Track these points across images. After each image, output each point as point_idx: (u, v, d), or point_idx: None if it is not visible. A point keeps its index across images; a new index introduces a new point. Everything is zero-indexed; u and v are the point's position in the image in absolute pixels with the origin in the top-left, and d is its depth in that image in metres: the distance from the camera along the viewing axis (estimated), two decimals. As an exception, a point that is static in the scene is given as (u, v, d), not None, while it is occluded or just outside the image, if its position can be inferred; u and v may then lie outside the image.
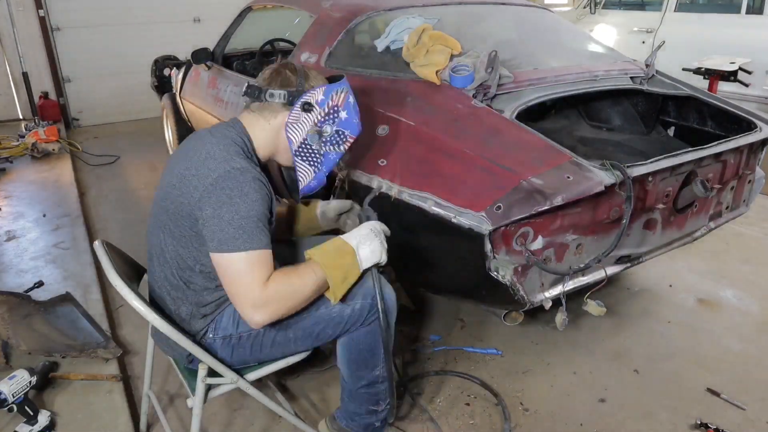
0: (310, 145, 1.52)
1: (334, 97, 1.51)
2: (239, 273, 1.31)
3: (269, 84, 1.49)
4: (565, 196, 1.61)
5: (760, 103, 4.79)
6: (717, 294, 2.75)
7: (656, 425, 1.95)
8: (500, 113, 1.95)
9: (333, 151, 1.56)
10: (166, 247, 1.46)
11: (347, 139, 1.56)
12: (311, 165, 1.55)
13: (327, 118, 1.51)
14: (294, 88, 1.48)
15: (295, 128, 1.50)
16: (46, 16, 5.73)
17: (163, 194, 1.44)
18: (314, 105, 1.49)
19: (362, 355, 1.57)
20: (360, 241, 1.43)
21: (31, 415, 1.77)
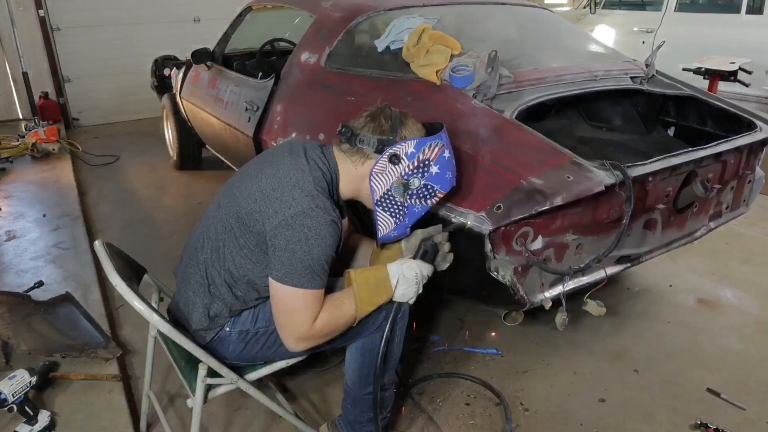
0: (393, 196, 1.47)
1: (426, 152, 1.45)
2: (294, 308, 1.36)
3: (362, 128, 1.46)
4: (565, 196, 1.61)
5: (760, 103, 4.79)
6: (717, 294, 2.75)
7: (656, 425, 1.95)
8: (500, 113, 1.95)
9: (418, 204, 1.50)
10: (224, 247, 1.46)
11: (436, 194, 1.50)
12: (392, 216, 1.51)
13: (415, 172, 1.45)
14: (385, 137, 1.43)
15: (379, 178, 1.46)
16: (46, 16, 5.73)
17: (239, 201, 1.44)
18: (402, 157, 1.43)
19: (373, 360, 1.56)
20: (400, 281, 1.45)
21: (31, 415, 1.77)
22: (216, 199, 1.57)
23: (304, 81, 2.56)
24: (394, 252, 1.65)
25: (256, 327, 1.51)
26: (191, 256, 1.57)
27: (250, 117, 2.75)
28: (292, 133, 2.43)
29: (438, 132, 1.49)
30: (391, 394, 1.68)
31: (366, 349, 1.57)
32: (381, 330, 1.51)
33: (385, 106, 1.50)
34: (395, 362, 1.63)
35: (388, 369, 1.61)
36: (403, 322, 1.56)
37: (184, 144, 4.40)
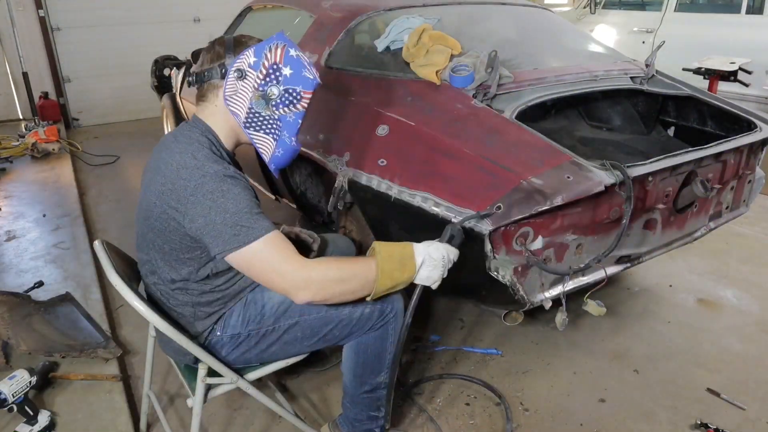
0: (258, 112, 1.40)
1: (269, 56, 1.37)
2: (261, 263, 1.28)
3: (202, 65, 1.41)
4: (565, 196, 1.61)
5: (760, 103, 4.79)
6: (717, 294, 2.75)
7: (656, 425, 1.95)
8: (500, 113, 1.95)
9: (290, 113, 1.42)
10: (156, 263, 1.45)
11: (302, 95, 1.42)
12: (268, 133, 1.43)
13: (268, 80, 1.38)
14: (223, 60, 1.38)
15: (234, 100, 1.38)
16: (46, 16, 5.73)
17: (146, 213, 1.41)
18: (247, 70, 1.36)
19: (369, 359, 1.57)
20: (426, 261, 1.39)
21: (31, 415, 1.77)
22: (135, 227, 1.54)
23: (304, 81, 2.56)
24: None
25: (247, 330, 1.49)
26: (144, 283, 1.55)
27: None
28: (292, 133, 2.43)
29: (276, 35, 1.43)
30: (389, 395, 1.67)
31: (360, 350, 1.56)
32: (374, 330, 1.52)
33: (220, 37, 1.46)
34: (391, 362, 1.61)
35: (384, 368, 1.60)
36: (396, 322, 1.54)
37: (184, 144, 4.39)
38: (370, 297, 1.39)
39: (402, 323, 1.52)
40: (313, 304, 1.37)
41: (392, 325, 1.54)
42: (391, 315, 1.52)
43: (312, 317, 1.49)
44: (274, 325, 1.49)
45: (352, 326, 1.50)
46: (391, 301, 1.52)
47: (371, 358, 1.57)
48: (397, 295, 1.52)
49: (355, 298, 1.39)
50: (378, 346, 1.55)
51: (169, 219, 1.34)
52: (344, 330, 1.51)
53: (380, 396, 1.65)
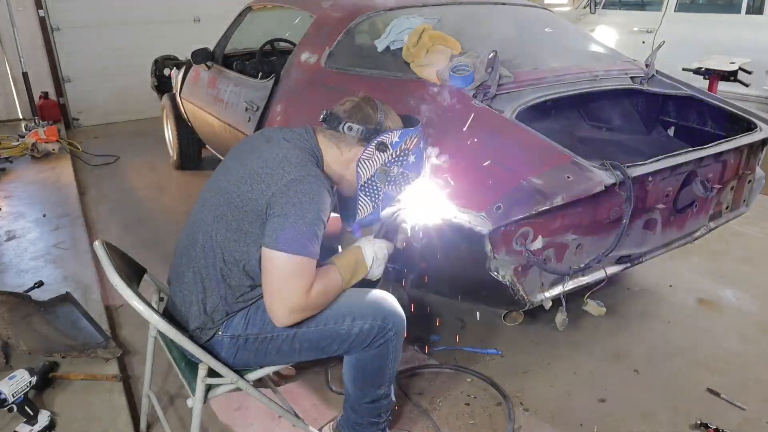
0: (375, 182, 1.56)
1: (407, 142, 1.55)
2: (284, 274, 1.35)
3: (349, 117, 1.52)
4: (565, 196, 1.61)
5: (760, 103, 4.78)
6: (717, 294, 2.75)
7: (656, 425, 1.95)
8: (500, 113, 1.95)
9: (393, 191, 1.60)
10: (217, 236, 1.46)
11: (408, 180, 1.60)
12: (371, 201, 1.59)
13: (397, 160, 1.55)
14: (373, 126, 1.51)
15: (366, 164, 1.54)
16: (46, 16, 5.74)
17: (229, 189, 1.46)
18: (389, 146, 1.52)
19: (368, 375, 1.57)
20: (375, 262, 1.54)
21: (31, 415, 1.77)
22: (198, 200, 1.58)
23: (304, 81, 2.56)
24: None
25: (247, 333, 1.49)
26: (182, 255, 1.56)
27: (250, 117, 2.75)
28: (292, 133, 2.43)
29: (416, 125, 1.61)
30: (390, 401, 1.67)
31: (359, 365, 1.57)
32: (372, 347, 1.51)
33: (368, 96, 1.58)
34: (393, 377, 1.63)
35: (385, 382, 1.60)
36: (398, 339, 1.55)
37: (184, 144, 4.40)
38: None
39: (402, 342, 1.57)
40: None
41: (393, 342, 1.53)
42: (392, 333, 1.51)
43: (311, 330, 1.49)
44: (274, 332, 1.48)
45: (351, 342, 1.50)
46: (392, 318, 1.52)
47: (371, 374, 1.57)
48: (398, 313, 1.54)
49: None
50: (378, 362, 1.55)
51: (251, 200, 1.40)
52: (343, 345, 1.51)
53: (381, 405, 1.64)
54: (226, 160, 1.59)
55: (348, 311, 1.49)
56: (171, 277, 1.62)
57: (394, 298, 1.57)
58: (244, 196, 1.42)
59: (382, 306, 1.52)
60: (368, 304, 1.51)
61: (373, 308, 1.51)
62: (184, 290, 1.53)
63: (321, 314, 1.47)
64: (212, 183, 1.57)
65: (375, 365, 1.55)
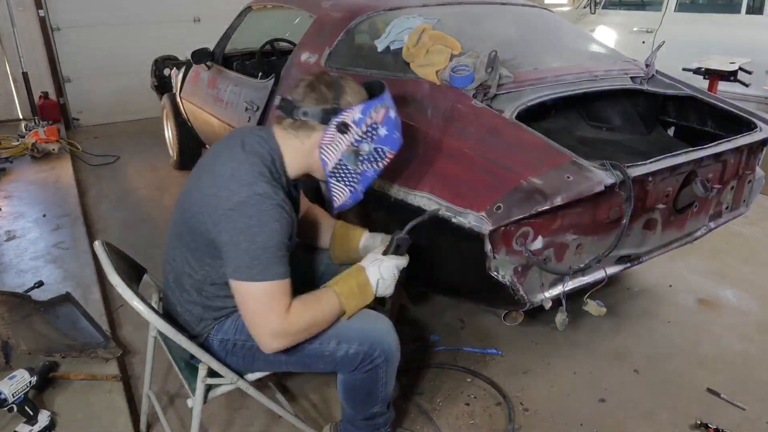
0: (345, 165, 1.44)
1: (372, 115, 1.41)
2: (255, 303, 1.30)
3: (303, 100, 1.40)
4: (565, 196, 1.61)
5: (760, 103, 4.78)
6: (717, 294, 2.75)
7: (656, 425, 1.95)
8: (500, 113, 1.95)
9: (371, 169, 1.48)
10: (181, 256, 1.46)
11: (386, 155, 1.48)
12: (347, 185, 1.48)
13: (365, 137, 1.42)
14: (330, 106, 1.39)
15: (329, 149, 1.42)
16: (46, 16, 5.73)
17: (185, 206, 1.44)
18: (351, 125, 1.40)
19: (359, 396, 1.54)
20: (379, 283, 1.44)
21: (31, 415, 1.77)
22: (175, 205, 1.55)
23: (304, 81, 2.56)
24: (357, 234, 1.69)
25: (236, 338, 1.48)
26: (166, 259, 1.57)
27: (250, 117, 2.75)
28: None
29: (380, 94, 1.46)
30: (387, 417, 1.64)
31: (348, 387, 1.53)
32: (359, 371, 1.47)
33: (323, 72, 1.47)
34: (387, 398, 1.59)
35: (377, 403, 1.57)
36: (388, 365, 1.49)
37: (184, 144, 4.40)
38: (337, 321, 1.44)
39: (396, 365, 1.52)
40: None
41: (383, 368, 1.48)
42: (380, 359, 1.45)
43: (297, 346, 1.43)
44: None
45: (336, 364, 1.46)
46: (381, 345, 1.45)
47: (361, 396, 1.54)
48: (388, 339, 1.48)
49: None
50: (368, 386, 1.51)
51: (202, 222, 1.36)
52: (328, 365, 1.47)
53: (377, 422, 1.62)
54: (196, 168, 1.50)
55: (334, 333, 1.43)
56: (164, 287, 1.62)
57: (388, 321, 1.51)
58: (195, 217, 1.38)
59: (371, 332, 1.45)
60: (357, 329, 1.44)
61: (362, 333, 1.44)
62: (170, 294, 1.54)
63: None
64: (182, 193, 1.50)
65: (365, 388, 1.51)
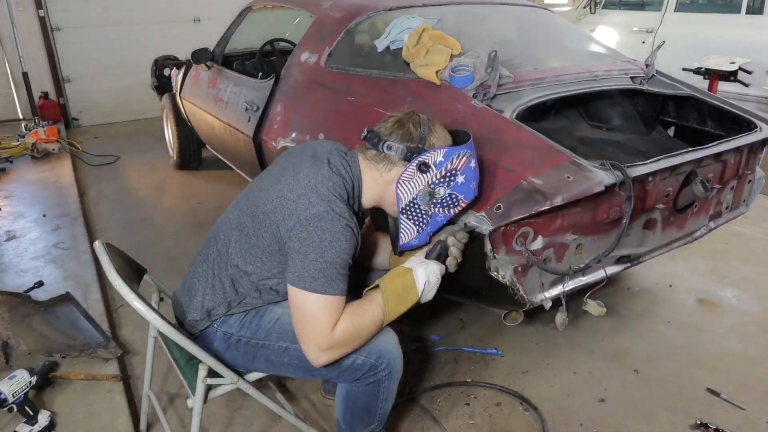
0: (418, 205, 1.46)
1: (454, 161, 1.44)
2: (311, 313, 1.32)
3: (389, 135, 1.43)
4: (565, 196, 1.61)
5: (760, 103, 4.78)
6: (717, 294, 2.75)
7: (656, 425, 1.95)
8: (500, 113, 1.95)
9: (441, 214, 1.49)
10: (235, 244, 1.45)
11: (459, 203, 1.49)
12: (416, 224, 1.49)
13: (442, 181, 1.44)
14: (414, 144, 1.41)
15: (406, 186, 1.44)
16: (46, 16, 5.74)
17: (258, 200, 1.43)
18: (431, 166, 1.42)
19: (358, 410, 1.54)
20: (426, 287, 1.44)
21: (31, 415, 1.77)
22: (238, 197, 1.56)
23: (304, 81, 2.56)
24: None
25: (239, 333, 1.48)
26: (205, 246, 1.57)
27: (250, 117, 2.75)
28: (292, 133, 2.43)
29: (466, 141, 1.48)
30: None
31: (349, 399, 1.53)
32: (362, 382, 1.47)
33: (413, 112, 1.48)
34: (384, 418, 1.58)
35: (373, 422, 1.57)
36: (390, 381, 1.49)
37: (184, 144, 4.40)
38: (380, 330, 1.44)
39: (398, 382, 1.52)
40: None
41: (385, 383, 1.48)
42: (384, 373, 1.46)
43: (299, 351, 1.42)
44: (265, 340, 1.48)
45: (339, 371, 1.45)
46: (387, 358, 1.45)
47: (360, 410, 1.53)
48: (395, 354, 1.48)
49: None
50: (368, 400, 1.51)
51: (273, 223, 1.37)
52: (331, 372, 1.46)
53: None
54: (272, 167, 1.53)
55: None
56: (191, 262, 1.61)
57: (395, 335, 1.50)
58: (266, 215, 1.39)
59: (380, 344, 1.45)
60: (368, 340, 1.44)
61: (370, 344, 1.43)
62: (194, 279, 1.53)
63: None
64: (250, 187, 1.53)
65: (364, 401, 1.51)
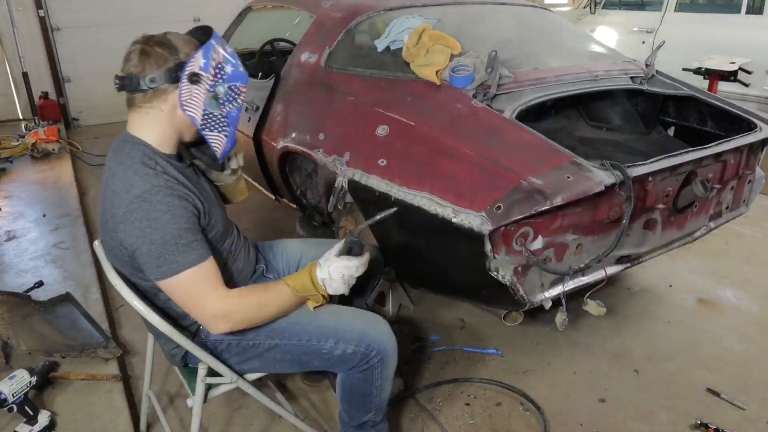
0: (211, 113, 1.40)
1: (214, 56, 1.37)
2: (182, 296, 1.32)
3: (144, 69, 1.32)
4: (565, 196, 1.61)
5: (760, 103, 4.79)
6: (717, 294, 2.75)
7: (656, 425, 1.95)
8: (500, 113, 1.95)
9: (233, 109, 1.44)
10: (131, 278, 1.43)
11: (240, 90, 1.45)
12: (220, 131, 1.44)
13: (216, 80, 1.38)
14: (172, 64, 1.33)
15: (191, 104, 1.37)
16: (46, 16, 5.73)
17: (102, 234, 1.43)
18: (201, 73, 1.35)
19: (355, 397, 1.55)
20: (326, 282, 1.41)
21: (31, 415, 1.77)
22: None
23: (304, 81, 2.56)
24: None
25: (229, 339, 1.48)
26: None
27: (250, 117, 2.75)
28: (292, 133, 2.43)
29: (210, 36, 1.41)
30: (379, 430, 1.65)
31: (346, 386, 1.55)
32: (356, 370, 1.49)
33: (145, 36, 1.37)
34: (382, 406, 1.59)
35: (371, 409, 1.58)
36: (383, 367, 1.50)
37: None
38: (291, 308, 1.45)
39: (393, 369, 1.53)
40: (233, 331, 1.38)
41: (378, 369, 1.49)
42: (376, 359, 1.47)
43: (292, 343, 1.47)
44: (254, 341, 1.48)
45: (332, 362, 1.48)
46: (377, 346, 1.47)
47: (357, 397, 1.55)
48: (386, 341, 1.49)
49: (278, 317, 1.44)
50: (363, 388, 1.52)
51: (113, 248, 1.37)
52: (325, 363, 1.49)
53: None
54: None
55: (333, 332, 1.46)
56: None
57: (386, 324, 1.52)
58: (107, 244, 1.40)
59: (370, 332, 1.47)
60: (355, 328, 1.47)
61: (360, 333, 1.46)
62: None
63: (305, 329, 1.46)
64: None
65: (360, 389, 1.53)
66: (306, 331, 1.46)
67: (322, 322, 1.47)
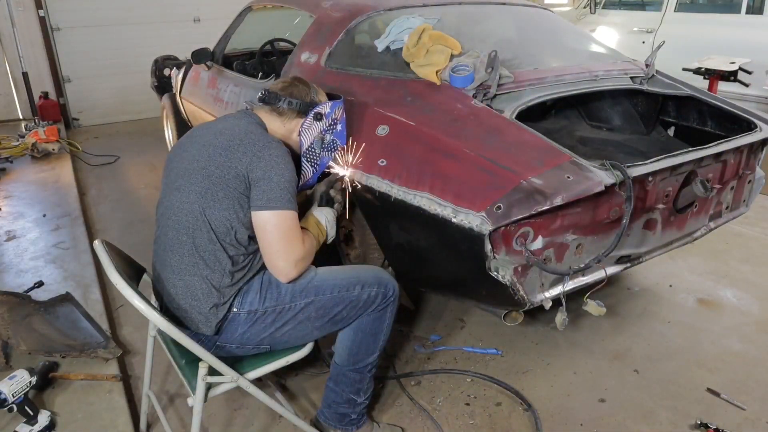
0: (314, 148, 1.78)
1: (336, 112, 1.79)
2: (287, 230, 1.49)
3: (286, 94, 1.71)
4: (565, 196, 1.61)
5: (760, 103, 4.79)
6: (717, 294, 2.75)
7: (656, 425, 1.95)
8: (500, 113, 1.95)
9: (327, 157, 1.82)
10: (206, 210, 1.50)
11: (337, 147, 1.83)
12: (312, 166, 1.80)
13: (329, 129, 1.78)
14: (309, 99, 1.73)
15: (307, 133, 1.75)
16: (46, 16, 5.74)
17: (205, 165, 1.53)
18: (323, 116, 1.75)
19: (366, 338, 1.70)
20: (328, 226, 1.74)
21: (31, 415, 1.77)
22: (163, 194, 1.64)
23: (304, 81, 2.56)
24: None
25: (264, 306, 1.55)
26: (172, 248, 1.55)
27: (250, 117, 2.75)
28: (292, 133, 2.43)
29: (339, 98, 1.83)
30: (371, 381, 1.80)
31: (359, 329, 1.70)
32: (376, 311, 1.68)
33: (296, 76, 1.81)
34: (383, 345, 1.75)
35: (377, 350, 1.73)
36: (394, 307, 1.73)
37: (184, 144, 4.39)
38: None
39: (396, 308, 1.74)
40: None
41: (390, 308, 1.71)
42: (392, 299, 1.70)
43: (326, 297, 1.61)
44: (291, 303, 1.57)
45: (359, 308, 1.66)
46: (392, 286, 1.70)
47: (368, 337, 1.71)
48: (390, 278, 1.72)
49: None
50: (375, 326, 1.70)
51: (231, 168, 1.50)
52: (352, 311, 1.65)
53: (364, 378, 1.76)
54: (173, 157, 1.70)
55: (356, 280, 1.65)
56: (162, 273, 1.59)
57: (381, 268, 1.79)
58: (222, 166, 1.51)
59: (382, 275, 1.71)
60: (372, 273, 1.70)
61: (377, 277, 1.69)
62: (185, 277, 1.52)
63: (334, 283, 1.62)
64: (173, 175, 1.62)
65: (372, 329, 1.70)
66: (335, 284, 1.62)
67: (343, 275, 1.67)
